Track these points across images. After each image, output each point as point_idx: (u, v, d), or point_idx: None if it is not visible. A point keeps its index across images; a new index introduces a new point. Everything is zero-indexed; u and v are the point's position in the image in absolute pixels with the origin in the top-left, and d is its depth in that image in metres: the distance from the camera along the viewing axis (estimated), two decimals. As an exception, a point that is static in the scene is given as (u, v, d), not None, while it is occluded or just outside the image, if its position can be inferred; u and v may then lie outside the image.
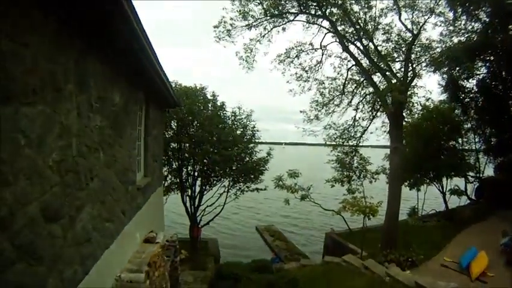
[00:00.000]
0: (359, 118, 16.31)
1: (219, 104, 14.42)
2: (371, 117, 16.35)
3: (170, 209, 20.61)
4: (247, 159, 14.53)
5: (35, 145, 2.40)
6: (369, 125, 16.34)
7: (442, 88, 19.48)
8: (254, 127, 14.78)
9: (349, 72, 15.71)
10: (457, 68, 17.43)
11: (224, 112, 14.56)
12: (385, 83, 14.07)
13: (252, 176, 14.77)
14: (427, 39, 14.45)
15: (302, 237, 20.78)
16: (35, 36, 2.40)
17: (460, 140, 19.54)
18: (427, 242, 12.68)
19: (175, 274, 8.79)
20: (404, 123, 14.97)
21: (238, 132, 14.51)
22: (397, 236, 12.88)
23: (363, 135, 16.46)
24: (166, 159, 14.29)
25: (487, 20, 15.01)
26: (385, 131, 16.29)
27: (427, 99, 15.65)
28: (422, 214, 19.68)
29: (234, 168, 14.40)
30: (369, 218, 12.62)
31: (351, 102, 16.08)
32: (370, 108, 16.42)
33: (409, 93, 13.75)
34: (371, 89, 15.81)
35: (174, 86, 13.97)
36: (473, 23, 15.29)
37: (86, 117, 3.36)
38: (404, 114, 14.11)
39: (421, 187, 19.56)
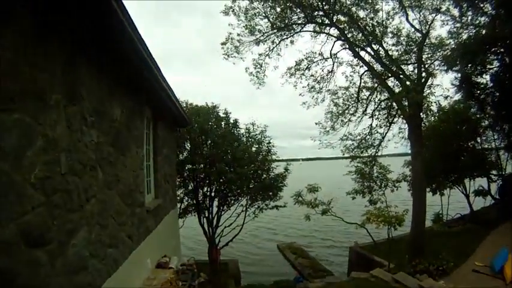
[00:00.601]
0: (376, 125, 15.69)
1: (231, 121, 14.14)
2: (388, 123, 15.77)
3: (188, 233, 20.42)
4: (264, 176, 14.04)
5: (11, 158, 2.08)
6: (386, 132, 15.66)
7: (456, 88, 18.89)
8: (269, 143, 14.29)
9: (362, 79, 15.25)
10: (469, 65, 16.89)
11: (238, 130, 14.22)
12: (400, 86, 13.53)
13: (271, 193, 14.24)
14: (436, 38, 14.08)
15: (325, 253, 19.82)
16: (15, 37, 2.14)
17: (478, 139, 18.76)
18: (456, 247, 11.83)
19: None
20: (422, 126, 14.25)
21: (253, 149, 14.09)
22: (424, 244, 12.10)
23: (382, 143, 15.80)
24: (181, 181, 13.96)
25: (493, 12, 14.53)
26: (403, 137, 15.62)
27: (446, 97, 15.12)
28: (447, 219, 18.77)
29: (251, 186, 13.95)
30: (395, 228, 11.99)
31: (366, 110, 15.52)
32: (386, 115, 15.90)
33: (425, 94, 13.16)
34: (386, 95, 15.38)
35: (185, 105, 13.87)
36: (479, 17, 14.83)
37: (78, 131, 3.05)
38: (422, 116, 13.50)
39: (444, 191, 18.77)
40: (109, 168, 3.87)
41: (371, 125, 15.69)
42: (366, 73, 14.98)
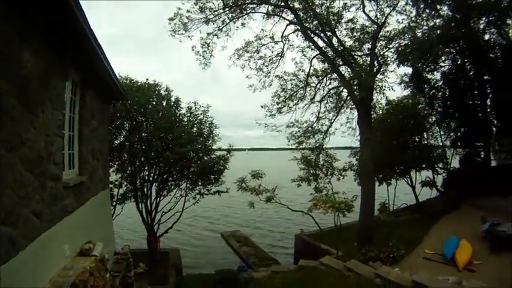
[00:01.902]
0: (324, 111, 15.92)
1: (173, 99, 13.18)
2: (336, 111, 16.01)
3: (128, 221, 19.17)
4: (206, 158, 13.36)
5: None
6: (335, 119, 15.98)
7: (405, 84, 19.95)
8: (212, 123, 13.62)
9: (312, 65, 15.29)
10: (422, 61, 17.83)
11: (179, 109, 13.34)
12: (351, 74, 13.70)
13: (212, 177, 13.64)
14: (391, 32, 14.26)
15: (270, 242, 19.78)
16: None
17: (425, 135, 19.98)
18: (404, 236, 12.21)
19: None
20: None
21: (194, 129, 13.32)
22: (373, 232, 12.34)
23: (329, 129, 16.07)
24: (120, 165, 12.91)
25: (450, 14, 15.39)
26: (350, 127, 16.34)
27: (390, 89, 15.34)
28: (394, 209, 19.61)
29: (192, 169, 13.21)
30: (344, 214, 11.93)
31: (314, 98, 15.70)
32: (335, 103, 16.15)
33: (377, 80, 13.62)
34: (335, 83, 15.58)
35: (126, 81, 12.60)
36: (435, 19, 15.62)
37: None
38: (372, 104, 13.83)
39: (390, 181, 19.64)
40: (9, 125, 2.99)
41: (319, 111, 15.80)
42: (316, 59, 15.00)
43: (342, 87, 15.33)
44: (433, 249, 10.88)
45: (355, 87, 13.46)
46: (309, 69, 15.14)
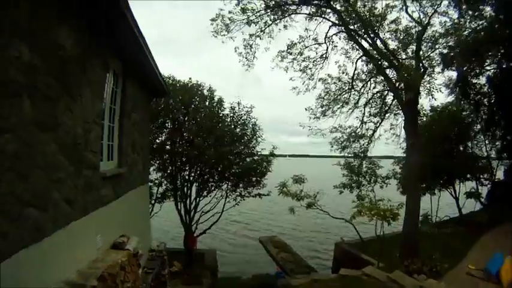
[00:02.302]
0: (369, 116, 15.40)
1: (216, 99, 13.12)
2: (381, 116, 15.47)
3: (167, 221, 19.46)
4: (248, 160, 13.11)
5: None
6: (380, 123, 15.38)
7: (449, 90, 18.66)
8: (255, 124, 13.38)
9: (357, 67, 14.80)
10: (467, 64, 16.52)
11: (222, 109, 13.24)
12: (397, 76, 12.92)
13: (254, 179, 13.35)
14: (434, 34, 13.41)
15: (309, 249, 19.13)
16: None
17: (469, 143, 18.93)
18: (447, 250, 11.50)
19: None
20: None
21: (237, 130, 13.13)
22: (417, 244, 11.61)
23: (375, 133, 15.48)
24: (160, 163, 13.05)
25: (493, 15, 14.14)
26: (393, 134, 15.83)
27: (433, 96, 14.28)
28: (436, 221, 18.47)
29: (233, 171, 13.04)
30: (389, 223, 11.26)
31: (358, 102, 15.29)
32: (379, 107, 15.51)
33: (423, 82, 12.85)
34: (380, 87, 15.14)
35: (170, 81, 12.72)
36: (478, 21, 14.47)
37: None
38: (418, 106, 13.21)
39: (434, 191, 18.59)
40: (44, 104, 2.86)
41: (363, 116, 15.37)
42: (360, 61, 14.61)
43: (387, 91, 14.87)
44: (477, 265, 10.13)
45: (401, 91, 12.93)
46: (354, 71, 14.72)
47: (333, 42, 14.45)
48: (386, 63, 13.43)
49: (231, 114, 13.17)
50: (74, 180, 3.43)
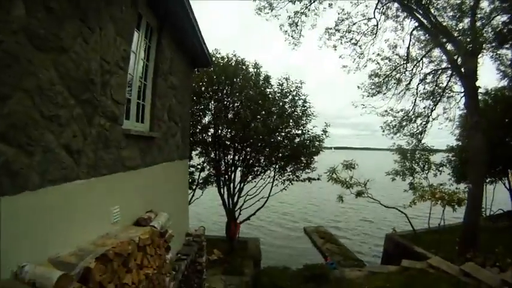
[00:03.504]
0: (422, 99, 14.19)
1: (262, 77, 12.06)
2: (435, 97, 14.19)
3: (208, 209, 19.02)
4: (297, 140, 12.07)
5: None
6: (437, 102, 14.07)
7: (501, 73, 16.14)
8: (305, 101, 12.11)
9: (413, 36, 13.54)
10: None
11: (269, 87, 12.12)
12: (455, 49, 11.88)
13: (304, 160, 12.29)
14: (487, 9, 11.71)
15: (355, 241, 17.96)
16: None
17: None
18: (507, 244, 10.04)
19: (197, 279, 6.48)
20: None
21: (286, 106, 12.01)
22: (478, 236, 10.54)
23: (432, 112, 14.09)
24: (204, 147, 12.52)
25: None
26: (447, 118, 14.68)
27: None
28: (489, 214, 16.73)
29: (281, 154, 12.15)
30: (454, 209, 10.91)
31: (409, 83, 14.23)
32: (433, 89, 14.22)
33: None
34: (432, 66, 14.02)
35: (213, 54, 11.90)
36: None
37: None
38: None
39: (494, 181, 16.89)
40: (45, 17, 2.07)
41: (415, 98, 14.28)
42: (412, 39, 13.48)
43: (440, 70, 13.92)
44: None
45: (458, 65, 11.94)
46: (409, 43, 13.50)
47: (384, 13, 13.35)
48: (441, 36, 12.15)
49: (279, 91, 12.04)
50: (82, 125, 2.60)
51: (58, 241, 2.21)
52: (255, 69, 12.04)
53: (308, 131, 12.22)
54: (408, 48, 13.55)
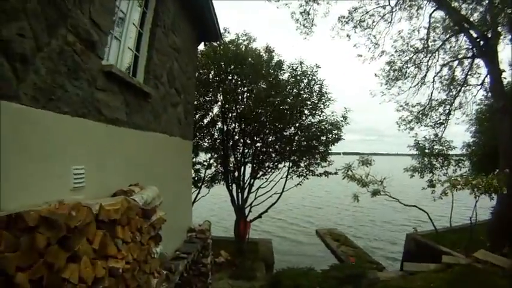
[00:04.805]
0: (439, 91, 13.64)
1: (274, 62, 11.04)
2: (456, 87, 13.58)
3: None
4: (314, 128, 11.07)
5: None
6: (458, 91, 13.41)
7: None
8: (322, 85, 11.00)
9: (431, 20, 12.74)
10: None
11: (282, 73, 11.13)
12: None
13: (321, 150, 11.34)
14: None
15: (369, 242, 16.90)
16: None
17: None
18: None
19: (200, 283, 5.41)
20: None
21: (301, 92, 10.98)
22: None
23: (456, 99, 13.49)
24: (211, 143, 11.69)
25: None
26: (464, 113, 14.36)
27: None
28: None
29: (294, 148, 11.24)
30: (492, 197, 10.07)
31: (425, 76, 13.52)
32: (450, 80, 13.57)
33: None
34: (447, 58, 13.30)
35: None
36: None
37: None
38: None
39: None
40: None
41: (432, 91, 13.58)
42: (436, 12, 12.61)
43: (457, 61, 13.27)
44: None
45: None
46: (429, 25, 12.64)
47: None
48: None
49: (292, 77, 11.05)
50: (37, 26, 1.62)
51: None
52: (267, 54, 11.07)
53: (326, 117, 11.23)
54: (428, 30, 12.82)
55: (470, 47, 12.29)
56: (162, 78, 4.17)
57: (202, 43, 7.59)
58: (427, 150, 14.26)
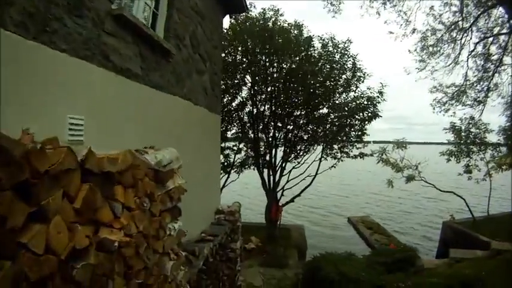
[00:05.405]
0: (474, 72, 12.45)
1: (303, 38, 10.45)
2: (496, 63, 12.24)
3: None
4: (349, 107, 10.47)
5: None
6: (493, 72, 12.21)
7: None
8: (355, 58, 10.52)
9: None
10: None
11: (312, 49, 10.56)
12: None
13: (357, 128, 10.81)
14: None
15: (403, 230, 16.72)
16: None
17: None
18: None
19: (228, 269, 5.03)
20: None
21: (333, 68, 10.48)
22: None
23: (494, 76, 12.14)
24: (240, 127, 11.44)
25: None
26: (499, 95, 12.92)
27: None
28: None
29: (327, 129, 10.79)
30: None
31: (458, 56, 12.34)
32: (484, 59, 12.36)
33: None
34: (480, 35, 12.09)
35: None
36: None
37: None
38: None
39: None
40: None
41: (467, 71, 12.37)
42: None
43: (492, 37, 12.13)
44: None
45: None
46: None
47: None
48: None
49: (325, 54, 10.52)
50: None
51: None
52: (296, 30, 10.51)
53: (362, 93, 10.69)
54: (462, 5, 11.73)
55: (507, 20, 11.03)
56: (184, 40, 3.75)
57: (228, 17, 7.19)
58: (463, 134, 13.74)
